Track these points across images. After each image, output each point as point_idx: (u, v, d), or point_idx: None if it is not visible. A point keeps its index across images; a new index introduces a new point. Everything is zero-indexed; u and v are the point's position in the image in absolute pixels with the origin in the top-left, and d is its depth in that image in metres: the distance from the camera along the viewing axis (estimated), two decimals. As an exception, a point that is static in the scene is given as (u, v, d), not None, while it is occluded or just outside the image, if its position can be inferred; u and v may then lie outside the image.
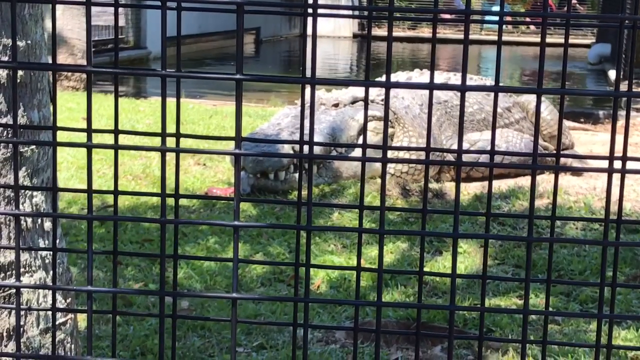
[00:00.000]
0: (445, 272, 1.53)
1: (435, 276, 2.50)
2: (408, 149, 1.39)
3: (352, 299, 4.10)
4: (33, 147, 2.32)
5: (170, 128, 1.35)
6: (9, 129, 2.12)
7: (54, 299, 1.28)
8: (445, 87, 1.26)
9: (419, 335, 1.40)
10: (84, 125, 1.31)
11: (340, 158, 1.25)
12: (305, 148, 2.08)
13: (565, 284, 3.33)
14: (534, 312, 1.28)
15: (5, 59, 2.22)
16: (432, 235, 1.27)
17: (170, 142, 1.43)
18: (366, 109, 1.45)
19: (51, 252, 2.42)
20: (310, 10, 1.27)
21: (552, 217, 1.40)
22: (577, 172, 6.97)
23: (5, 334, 2.19)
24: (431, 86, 1.28)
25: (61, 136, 6.63)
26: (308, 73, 1.33)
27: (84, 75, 12.17)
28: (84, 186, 5.94)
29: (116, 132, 1.39)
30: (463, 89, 1.21)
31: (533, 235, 1.28)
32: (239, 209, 1.24)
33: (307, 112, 6.68)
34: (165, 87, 1.21)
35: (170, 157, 3.36)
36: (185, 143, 6.61)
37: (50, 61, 2.72)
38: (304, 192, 5.04)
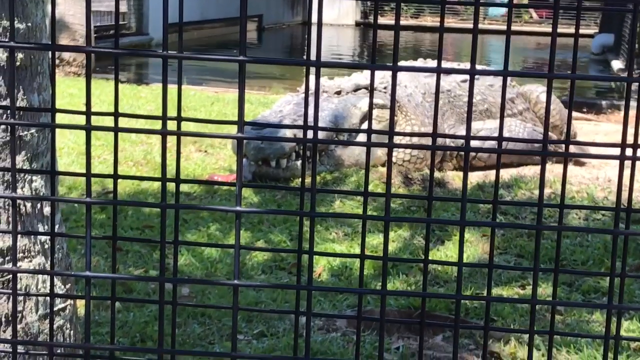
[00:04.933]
0: (449, 261, 1.51)
1: (441, 264, 2.47)
2: (414, 134, 1.36)
3: (354, 287, 4.08)
4: (33, 131, 2.29)
5: (172, 113, 1.32)
6: (8, 112, 2.09)
7: (52, 285, 1.26)
8: (453, 70, 1.23)
9: (423, 324, 1.37)
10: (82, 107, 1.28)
11: (345, 143, 1.22)
12: (310, 134, 2.05)
13: (572, 274, 3.30)
14: (541, 302, 1.25)
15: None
16: (439, 222, 1.24)
17: (172, 126, 1.40)
18: (371, 93, 1.42)
19: (50, 238, 2.40)
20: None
21: (561, 205, 1.37)
22: (579, 162, 6.95)
23: (3, 319, 2.16)
24: (439, 70, 1.25)
25: (62, 120, 6.61)
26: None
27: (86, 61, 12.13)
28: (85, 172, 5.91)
29: (116, 115, 1.36)
30: (472, 72, 1.18)
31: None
32: (241, 195, 1.22)
33: (310, 98, 6.64)
34: (167, 69, 1.18)
35: (171, 143, 3.32)
36: (186, 129, 6.58)
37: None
38: (307, 179, 5.01)
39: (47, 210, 2.34)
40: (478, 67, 7.89)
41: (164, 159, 1.21)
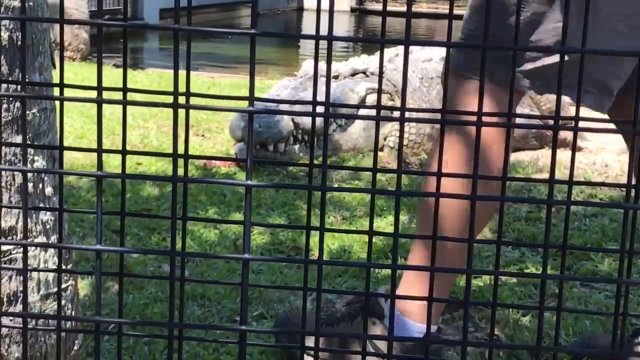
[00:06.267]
0: (459, 237, 1.51)
1: (450, 241, 2.48)
2: (422, 110, 1.35)
3: (354, 271, 4.09)
4: (34, 110, 2.28)
5: (170, 97, 1.32)
6: (12, 90, 2.09)
7: (60, 258, 1.26)
8: (463, 45, 1.23)
9: (431, 300, 1.38)
10: (83, 93, 1.28)
11: (356, 117, 1.22)
12: (319, 109, 2.05)
13: (581, 250, 3.32)
14: (551, 277, 1.25)
15: (6, 21, 2.18)
16: (449, 197, 1.24)
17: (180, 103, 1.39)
18: (381, 69, 1.41)
19: (52, 219, 2.40)
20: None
21: (570, 182, 1.37)
22: (578, 147, 6.94)
23: (5, 299, 2.16)
24: (448, 44, 1.25)
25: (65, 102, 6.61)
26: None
27: (81, 46, 12.11)
28: (84, 157, 5.90)
29: (125, 90, 1.36)
30: (484, 46, 1.18)
31: (538, 208, 1.26)
32: (251, 169, 1.21)
33: (302, 82, 6.67)
34: (178, 42, 1.18)
35: (168, 127, 3.32)
36: (192, 109, 6.58)
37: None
38: (316, 162, 5.01)
39: (48, 190, 2.34)
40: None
41: (175, 132, 1.21)
